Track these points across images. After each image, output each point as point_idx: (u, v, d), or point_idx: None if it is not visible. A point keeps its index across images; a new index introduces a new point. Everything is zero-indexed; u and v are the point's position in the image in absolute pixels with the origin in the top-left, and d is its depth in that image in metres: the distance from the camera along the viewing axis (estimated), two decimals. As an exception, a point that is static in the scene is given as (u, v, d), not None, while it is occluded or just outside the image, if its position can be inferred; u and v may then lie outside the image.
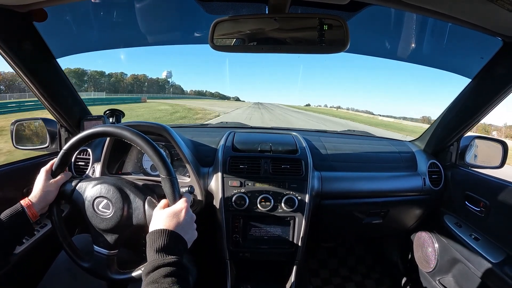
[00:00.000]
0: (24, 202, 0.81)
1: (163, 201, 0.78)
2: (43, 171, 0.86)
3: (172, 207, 0.74)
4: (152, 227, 0.71)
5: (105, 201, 0.83)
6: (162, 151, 0.79)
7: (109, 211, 0.82)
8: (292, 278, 1.28)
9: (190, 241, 0.74)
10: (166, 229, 0.67)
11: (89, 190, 0.85)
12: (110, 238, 0.84)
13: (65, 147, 0.85)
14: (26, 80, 1.06)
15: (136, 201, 0.83)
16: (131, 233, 0.85)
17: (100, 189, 0.84)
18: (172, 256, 0.63)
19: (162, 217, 0.71)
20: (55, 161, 0.88)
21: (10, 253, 0.82)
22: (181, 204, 0.75)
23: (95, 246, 0.85)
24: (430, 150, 1.54)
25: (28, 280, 1.02)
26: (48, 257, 1.03)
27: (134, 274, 0.82)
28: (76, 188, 0.87)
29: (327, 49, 0.85)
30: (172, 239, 0.66)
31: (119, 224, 0.82)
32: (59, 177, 0.87)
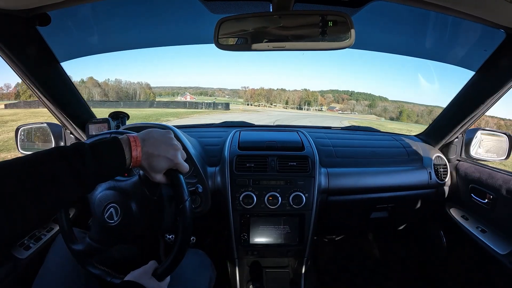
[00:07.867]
0: None
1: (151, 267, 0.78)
2: None
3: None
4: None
5: (113, 210, 0.76)
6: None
7: (113, 220, 0.76)
8: (301, 275, 1.28)
9: None
10: None
11: (103, 189, 0.79)
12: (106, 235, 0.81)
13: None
14: (30, 84, 1.06)
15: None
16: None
17: (115, 196, 0.77)
18: None
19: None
20: None
21: None
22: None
23: (88, 236, 0.80)
24: (435, 144, 1.54)
25: None
26: None
27: (107, 278, 0.80)
28: None
29: (333, 45, 0.85)
30: None
31: (119, 233, 0.78)
32: None
